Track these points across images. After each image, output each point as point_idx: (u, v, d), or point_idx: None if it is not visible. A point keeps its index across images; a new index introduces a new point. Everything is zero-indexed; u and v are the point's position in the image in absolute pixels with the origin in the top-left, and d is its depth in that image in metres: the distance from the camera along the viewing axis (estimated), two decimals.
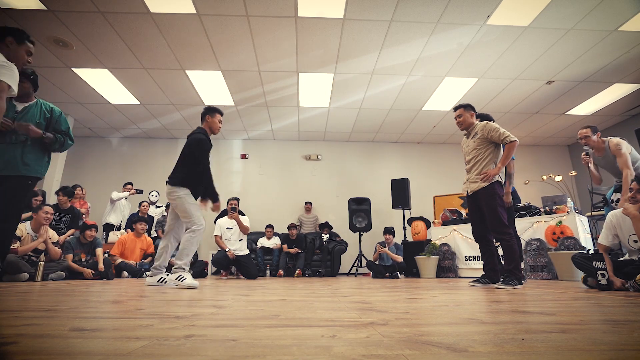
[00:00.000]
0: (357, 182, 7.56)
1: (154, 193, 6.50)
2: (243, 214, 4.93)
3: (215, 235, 4.74)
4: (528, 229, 4.38)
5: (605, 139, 3.19)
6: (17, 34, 1.94)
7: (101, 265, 3.99)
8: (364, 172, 7.69)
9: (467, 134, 3.14)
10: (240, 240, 4.75)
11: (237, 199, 4.94)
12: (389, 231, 5.39)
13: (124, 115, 6.36)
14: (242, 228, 4.69)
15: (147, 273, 4.64)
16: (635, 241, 2.41)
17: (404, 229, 6.13)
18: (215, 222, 5.10)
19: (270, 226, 6.15)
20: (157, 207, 6.39)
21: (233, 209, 4.74)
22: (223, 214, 5.06)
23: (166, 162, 7.51)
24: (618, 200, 3.03)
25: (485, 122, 3.00)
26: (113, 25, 3.91)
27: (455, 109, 3.14)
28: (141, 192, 6.12)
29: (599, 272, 2.44)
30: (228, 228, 4.75)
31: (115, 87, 5.32)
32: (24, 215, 4.23)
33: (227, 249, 4.56)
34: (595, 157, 3.31)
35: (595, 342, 0.78)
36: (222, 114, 3.09)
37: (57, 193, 4.58)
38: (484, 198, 2.89)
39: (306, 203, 7.14)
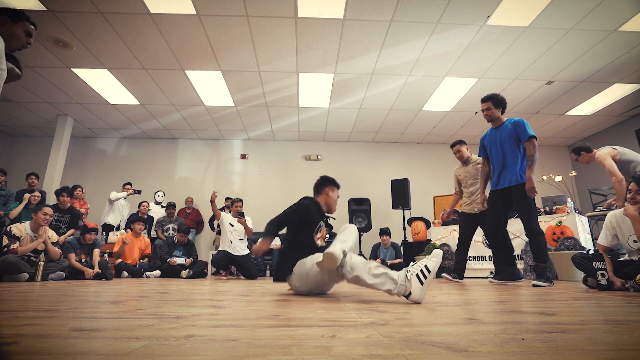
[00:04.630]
0: (357, 182, 7.55)
1: (160, 193, 6.48)
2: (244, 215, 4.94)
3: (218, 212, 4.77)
4: None
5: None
6: (12, 13, 1.90)
7: (96, 267, 3.98)
8: (364, 172, 7.68)
9: None
10: (240, 240, 4.77)
11: (242, 201, 4.96)
12: (385, 232, 5.40)
13: (124, 115, 6.36)
14: (248, 231, 4.79)
15: (147, 273, 4.67)
16: (635, 241, 2.42)
17: (404, 229, 6.12)
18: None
19: None
20: (162, 207, 6.35)
21: (241, 215, 4.76)
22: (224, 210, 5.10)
23: (166, 162, 7.52)
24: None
25: None
26: (113, 26, 3.91)
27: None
28: (139, 192, 6.06)
29: (599, 273, 2.45)
30: (231, 224, 4.77)
31: (115, 88, 5.32)
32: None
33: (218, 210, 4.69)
34: None
35: (595, 342, 0.78)
36: (338, 188, 2.55)
37: (60, 194, 4.53)
38: None
39: None
